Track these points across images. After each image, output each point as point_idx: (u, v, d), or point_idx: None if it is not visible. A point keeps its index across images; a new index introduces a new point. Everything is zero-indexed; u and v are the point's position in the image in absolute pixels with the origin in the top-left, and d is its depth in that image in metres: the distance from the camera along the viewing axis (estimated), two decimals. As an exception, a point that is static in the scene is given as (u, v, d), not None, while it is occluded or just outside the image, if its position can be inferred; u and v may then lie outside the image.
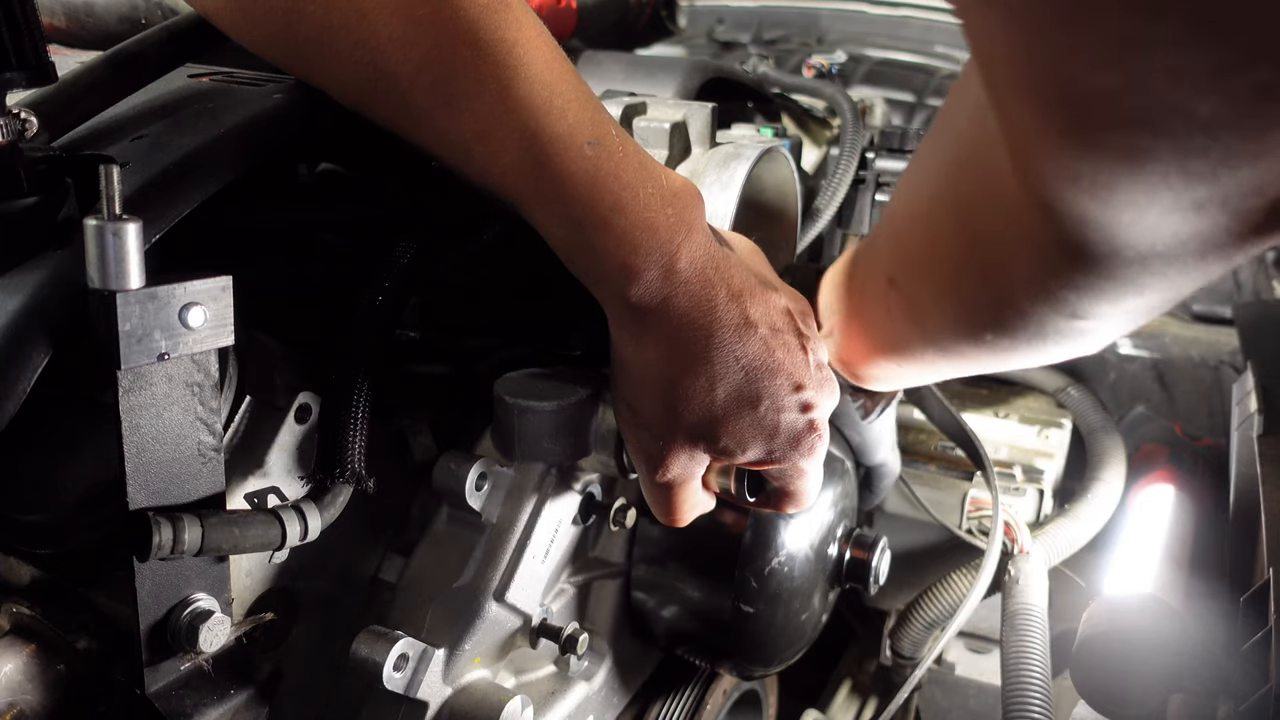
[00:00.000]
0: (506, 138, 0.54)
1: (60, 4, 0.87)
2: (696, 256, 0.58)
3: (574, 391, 0.67)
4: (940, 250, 0.59)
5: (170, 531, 0.50)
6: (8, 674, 0.57)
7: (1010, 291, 0.53)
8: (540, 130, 0.54)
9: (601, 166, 0.55)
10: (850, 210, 1.06)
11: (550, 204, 0.56)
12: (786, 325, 0.63)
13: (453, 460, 0.68)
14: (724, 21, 2.36)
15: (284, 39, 0.56)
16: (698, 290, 0.58)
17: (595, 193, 0.55)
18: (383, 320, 0.63)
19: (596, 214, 0.55)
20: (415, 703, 0.64)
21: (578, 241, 0.56)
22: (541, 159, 0.54)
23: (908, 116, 2.05)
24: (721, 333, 0.59)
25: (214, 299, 0.50)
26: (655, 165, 0.59)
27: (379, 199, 0.69)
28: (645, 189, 0.56)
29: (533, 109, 0.54)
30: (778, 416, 0.62)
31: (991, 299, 0.56)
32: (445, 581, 0.69)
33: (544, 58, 0.55)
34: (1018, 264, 0.51)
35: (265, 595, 0.64)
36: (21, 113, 0.49)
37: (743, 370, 0.60)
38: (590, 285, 0.59)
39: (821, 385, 0.64)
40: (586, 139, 0.55)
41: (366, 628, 0.64)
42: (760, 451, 0.64)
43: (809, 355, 0.63)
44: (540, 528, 0.71)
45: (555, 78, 0.55)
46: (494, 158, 0.55)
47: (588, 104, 0.56)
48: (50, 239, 0.50)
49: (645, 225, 0.56)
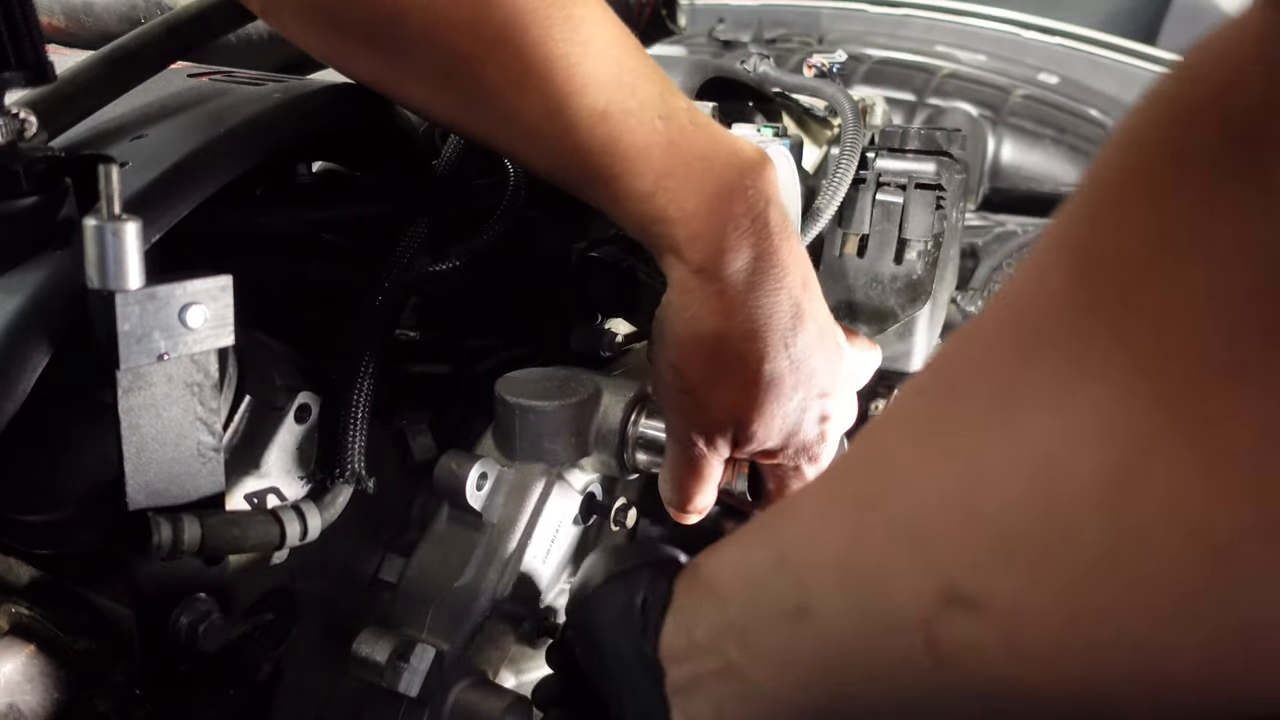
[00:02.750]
0: (576, 115, 0.54)
1: (59, 4, 0.87)
2: (771, 229, 0.58)
3: (575, 391, 0.67)
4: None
5: (170, 531, 0.50)
6: (7, 674, 0.57)
7: None
8: (610, 106, 0.54)
9: (674, 140, 0.56)
10: (850, 210, 1.06)
11: (622, 179, 0.56)
12: (831, 329, 0.63)
13: (453, 460, 0.68)
14: (724, 21, 2.36)
15: (354, 31, 0.56)
16: (766, 266, 0.58)
17: (668, 164, 0.55)
18: (383, 320, 0.63)
19: (669, 185, 0.56)
20: (415, 703, 0.64)
21: (649, 213, 0.57)
22: (614, 134, 0.55)
23: (908, 116, 2.05)
24: (779, 316, 0.59)
25: (214, 299, 0.50)
26: (727, 136, 0.59)
27: (379, 199, 0.69)
28: (719, 160, 0.57)
29: (603, 85, 0.54)
30: (802, 415, 0.62)
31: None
32: (445, 581, 0.69)
33: (610, 33, 0.56)
34: None
35: (265, 595, 0.64)
36: (20, 112, 0.49)
37: (789, 359, 0.60)
38: (659, 254, 0.59)
39: (842, 402, 0.65)
40: (657, 113, 0.55)
41: (366, 628, 0.64)
42: (777, 443, 0.63)
43: (843, 369, 0.64)
44: (541, 528, 0.71)
45: (623, 53, 0.56)
46: (565, 135, 0.55)
47: (655, 78, 0.57)
48: (49, 239, 0.50)
49: (720, 194, 0.56)
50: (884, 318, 1.03)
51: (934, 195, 1.02)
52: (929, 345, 1.04)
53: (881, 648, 0.36)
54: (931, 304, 1.01)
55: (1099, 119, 2.12)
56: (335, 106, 0.63)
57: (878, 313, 1.03)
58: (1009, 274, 1.85)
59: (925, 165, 1.02)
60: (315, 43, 0.60)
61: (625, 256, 0.73)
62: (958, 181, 1.02)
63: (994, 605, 0.31)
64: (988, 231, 1.96)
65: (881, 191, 1.05)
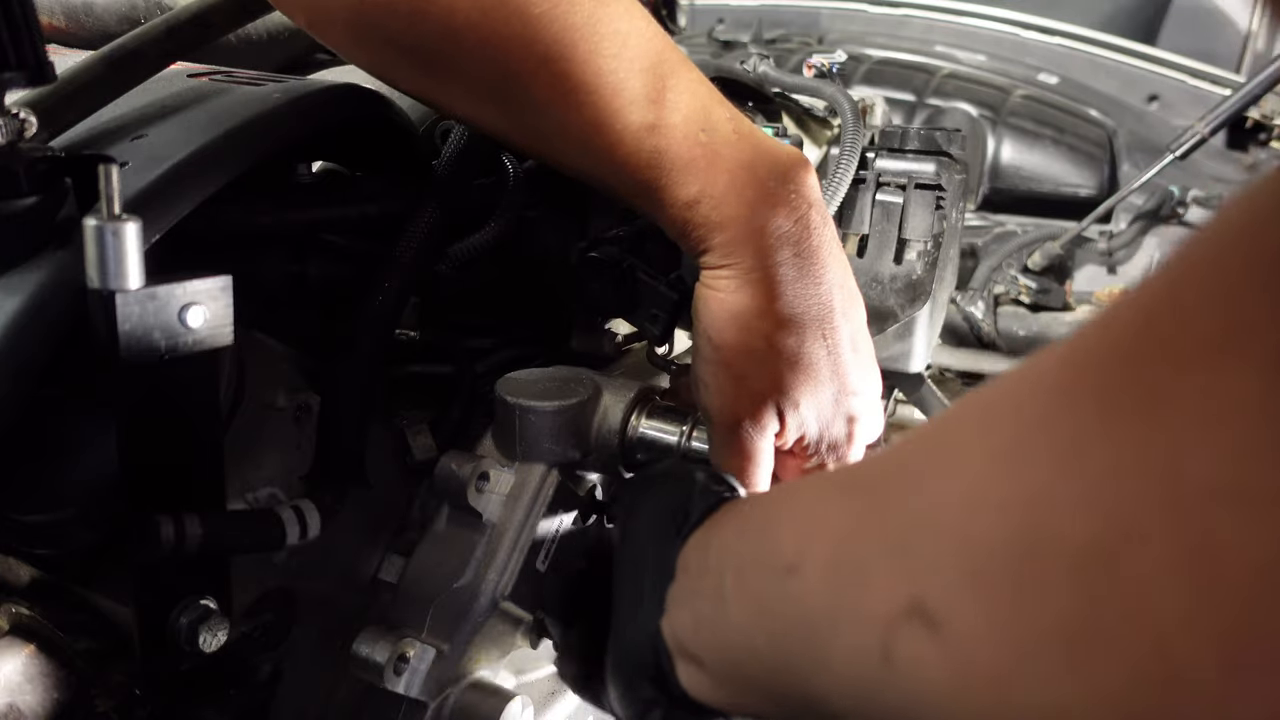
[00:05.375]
0: (624, 130, 0.56)
1: (59, 4, 0.87)
2: (811, 231, 0.60)
3: (575, 391, 0.67)
4: None
5: (170, 531, 0.50)
6: (7, 674, 0.57)
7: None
8: (657, 120, 0.56)
9: (717, 150, 0.57)
10: (850, 210, 1.06)
11: (667, 190, 0.58)
12: (865, 334, 0.64)
13: (453, 460, 0.68)
14: (724, 21, 2.36)
15: (406, 46, 0.56)
16: (806, 265, 0.60)
17: (712, 174, 0.57)
18: (383, 320, 0.63)
19: (713, 194, 0.57)
20: (415, 703, 0.64)
21: (692, 220, 0.59)
22: (660, 147, 0.56)
23: (908, 116, 2.05)
24: (817, 309, 0.61)
25: (214, 299, 0.50)
26: (768, 141, 0.61)
27: (379, 198, 0.69)
28: (761, 167, 0.59)
29: (650, 100, 0.56)
30: (836, 409, 0.63)
31: None
32: (445, 581, 0.69)
33: (656, 47, 0.57)
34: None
35: (265, 595, 0.64)
36: (20, 112, 0.49)
37: (826, 349, 0.61)
38: (699, 258, 0.61)
39: (870, 405, 0.65)
40: (700, 126, 0.57)
41: (366, 628, 0.64)
42: (815, 432, 0.64)
43: (873, 374, 0.65)
44: (541, 528, 0.71)
45: (668, 68, 0.57)
46: (612, 149, 0.56)
47: (700, 89, 0.58)
48: (49, 239, 0.50)
49: (762, 201, 0.58)
50: (884, 318, 1.03)
51: (934, 195, 1.02)
52: (928, 345, 1.04)
53: (844, 633, 0.36)
54: (931, 304, 1.01)
55: (1099, 119, 2.12)
56: (335, 106, 0.63)
57: (878, 313, 1.03)
58: (1010, 274, 1.85)
59: (925, 165, 1.02)
60: (364, 58, 0.61)
61: (625, 256, 0.73)
62: (957, 181, 1.02)
63: (953, 627, 0.31)
64: (987, 231, 1.96)
65: (881, 191, 1.05)
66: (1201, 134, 1.70)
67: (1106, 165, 2.05)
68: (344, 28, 0.58)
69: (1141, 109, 2.17)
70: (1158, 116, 2.14)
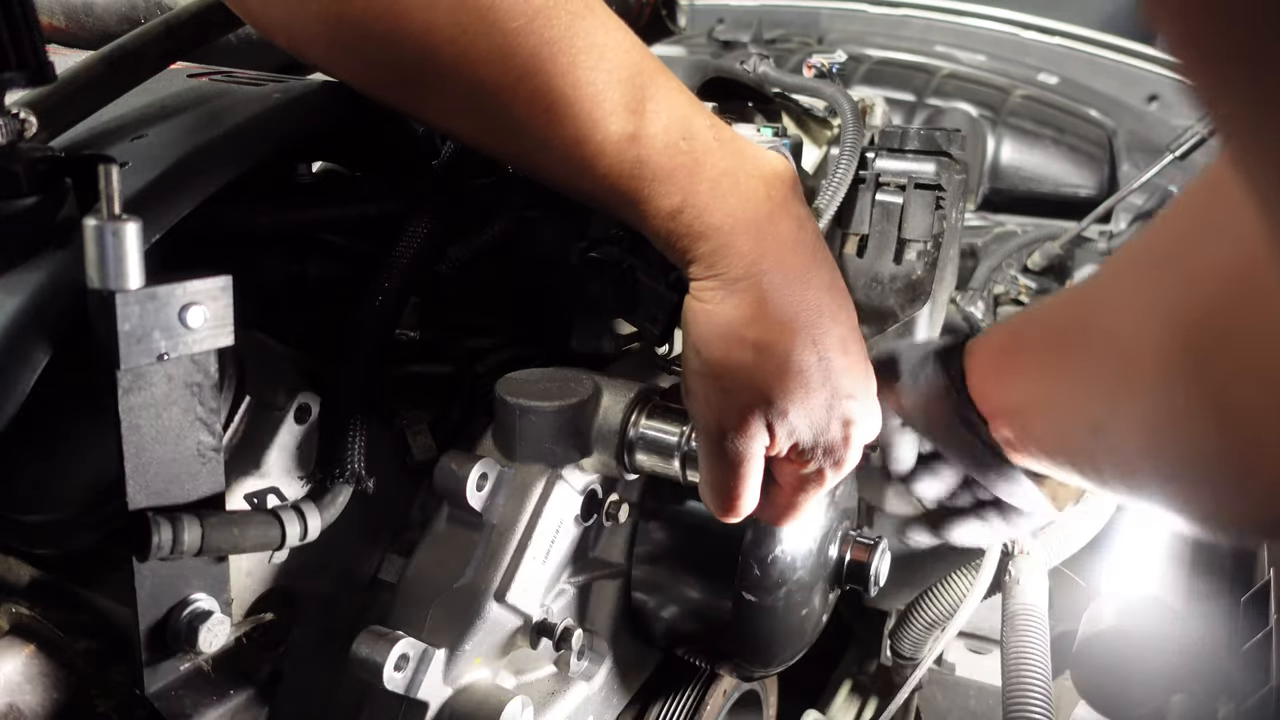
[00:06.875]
0: (604, 141, 0.56)
1: (59, 4, 0.87)
2: (794, 237, 0.60)
3: (575, 392, 0.67)
4: (1181, 426, 0.55)
5: (170, 531, 0.50)
6: (7, 674, 0.57)
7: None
8: (637, 131, 0.56)
9: (699, 158, 0.57)
10: (850, 210, 1.06)
11: (650, 200, 0.58)
12: (856, 336, 0.64)
13: (453, 460, 0.68)
14: (724, 21, 2.36)
15: (385, 63, 0.56)
16: (791, 271, 0.60)
17: (693, 183, 0.57)
18: (383, 320, 0.63)
19: (695, 203, 0.57)
20: (415, 703, 0.64)
21: (675, 229, 0.59)
22: (641, 157, 0.56)
23: (908, 116, 2.05)
24: (805, 315, 0.60)
25: (214, 299, 0.50)
26: (750, 148, 0.61)
27: (379, 198, 0.69)
28: (743, 173, 0.59)
29: (629, 111, 0.56)
30: (829, 414, 0.63)
31: (1255, 493, 0.51)
32: (446, 582, 0.69)
33: (634, 58, 0.57)
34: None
35: (265, 595, 0.64)
36: (20, 112, 0.49)
37: (816, 354, 0.61)
38: (686, 269, 0.61)
39: (866, 408, 0.65)
40: (681, 134, 0.57)
41: (366, 628, 0.64)
42: (808, 439, 0.63)
43: (867, 377, 0.65)
44: (541, 528, 0.71)
45: (647, 78, 0.57)
46: (593, 161, 0.56)
47: (680, 98, 0.59)
48: (50, 239, 0.50)
49: (744, 208, 0.58)
50: (884, 318, 1.03)
51: (933, 195, 1.02)
52: (928, 345, 1.04)
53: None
54: (931, 304, 1.01)
55: (1099, 119, 2.12)
56: (335, 106, 0.63)
57: (877, 313, 1.03)
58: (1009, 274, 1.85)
59: (925, 165, 1.02)
60: (344, 75, 0.60)
61: (625, 256, 0.73)
62: (957, 181, 1.02)
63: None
64: (987, 231, 1.96)
65: (881, 192, 1.05)
66: (1201, 134, 1.70)
67: (1106, 165, 2.05)
68: (323, 47, 0.58)
69: (1141, 109, 2.17)
70: (1157, 116, 2.14)
